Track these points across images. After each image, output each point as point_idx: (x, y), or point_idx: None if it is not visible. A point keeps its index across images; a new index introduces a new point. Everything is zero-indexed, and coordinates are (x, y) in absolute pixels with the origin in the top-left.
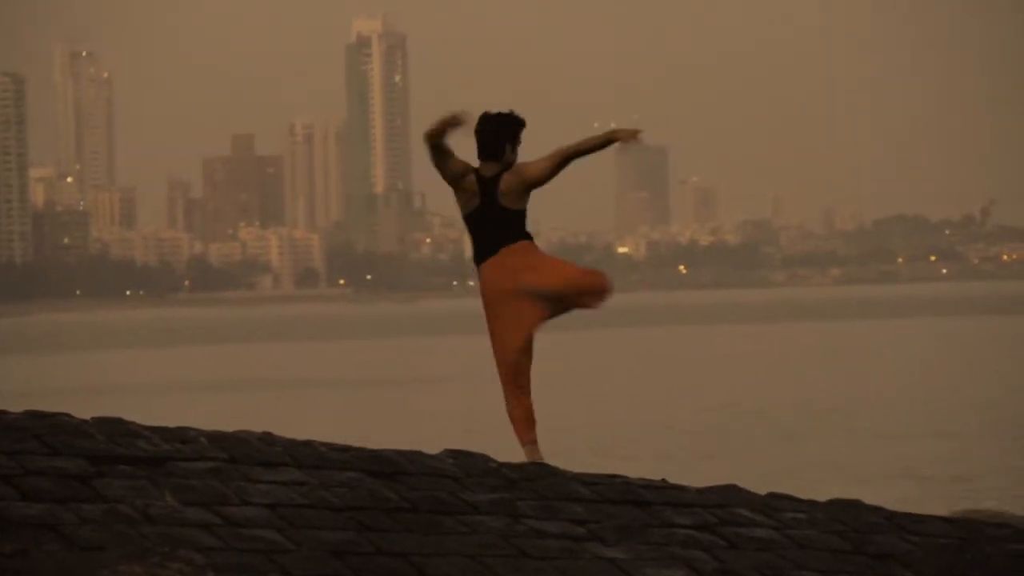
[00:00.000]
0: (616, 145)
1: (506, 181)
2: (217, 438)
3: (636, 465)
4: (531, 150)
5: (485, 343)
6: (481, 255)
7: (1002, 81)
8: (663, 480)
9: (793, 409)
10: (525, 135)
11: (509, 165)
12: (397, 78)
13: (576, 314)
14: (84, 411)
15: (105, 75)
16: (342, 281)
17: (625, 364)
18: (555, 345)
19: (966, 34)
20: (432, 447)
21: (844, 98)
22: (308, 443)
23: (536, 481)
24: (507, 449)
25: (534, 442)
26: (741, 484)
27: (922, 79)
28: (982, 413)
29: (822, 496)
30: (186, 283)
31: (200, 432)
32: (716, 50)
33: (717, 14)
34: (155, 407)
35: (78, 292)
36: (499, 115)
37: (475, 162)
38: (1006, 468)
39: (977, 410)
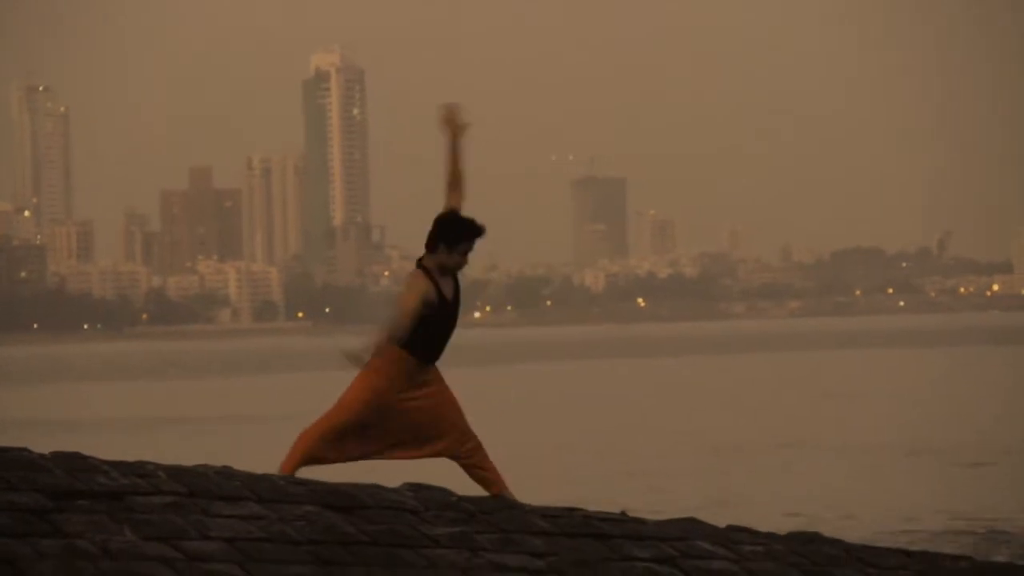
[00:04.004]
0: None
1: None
2: (176, 472)
3: (595, 497)
4: (484, 188)
5: (448, 373)
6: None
7: (956, 114)
8: (622, 513)
9: (753, 441)
10: (473, 247)
11: (443, 267)
12: (355, 112)
13: (540, 346)
14: (42, 445)
15: (62, 109)
16: (300, 314)
17: (584, 396)
18: (514, 378)
19: (921, 67)
20: (391, 480)
21: (800, 130)
22: (267, 477)
23: (495, 514)
24: (466, 482)
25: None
26: (700, 517)
27: (878, 112)
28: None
29: (782, 529)
30: (144, 316)
31: (159, 466)
32: (673, 83)
33: (671, 47)
34: (114, 441)
35: (35, 326)
36: (453, 216)
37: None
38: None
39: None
